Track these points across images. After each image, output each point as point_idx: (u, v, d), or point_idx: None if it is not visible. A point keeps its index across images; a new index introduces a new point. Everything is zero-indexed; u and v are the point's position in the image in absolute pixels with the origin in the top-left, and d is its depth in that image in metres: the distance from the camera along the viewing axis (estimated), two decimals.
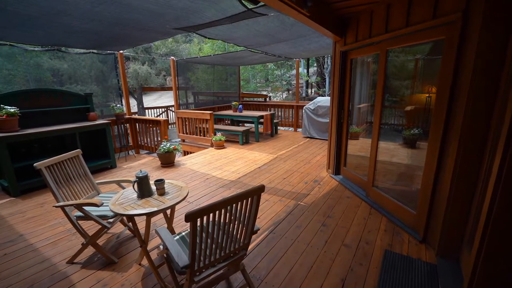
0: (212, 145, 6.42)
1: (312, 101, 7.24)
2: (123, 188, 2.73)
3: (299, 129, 8.37)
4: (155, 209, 1.83)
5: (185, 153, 7.30)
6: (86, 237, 2.28)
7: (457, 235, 2.10)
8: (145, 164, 5.31)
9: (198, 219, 1.25)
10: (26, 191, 4.00)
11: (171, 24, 3.38)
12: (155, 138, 5.96)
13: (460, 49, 1.99)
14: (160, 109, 11.80)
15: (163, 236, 1.59)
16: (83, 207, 2.14)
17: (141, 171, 2.07)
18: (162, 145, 5.02)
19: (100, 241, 2.63)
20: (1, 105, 3.84)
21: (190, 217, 1.20)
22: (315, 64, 18.30)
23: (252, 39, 4.65)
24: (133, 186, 2.04)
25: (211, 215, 1.32)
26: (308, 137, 7.28)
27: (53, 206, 2.34)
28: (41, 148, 4.47)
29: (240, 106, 7.47)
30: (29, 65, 9.07)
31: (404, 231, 2.68)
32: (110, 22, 3.28)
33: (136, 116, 5.96)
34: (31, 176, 4.09)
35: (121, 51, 5.60)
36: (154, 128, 5.79)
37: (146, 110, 11.38)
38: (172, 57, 6.76)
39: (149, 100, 21.33)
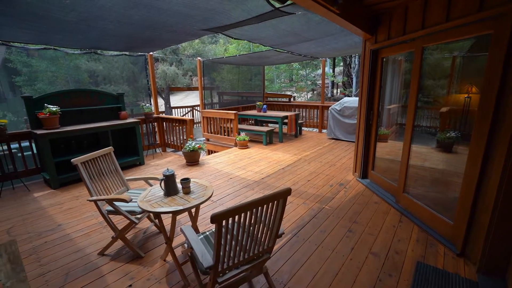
0: (236, 145, 6.46)
1: (338, 102, 7.03)
2: (150, 185, 2.82)
3: (324, 130, 8.17)
4: (181, 207, 1.86)
5: (209, 152, 7.44)
6: (116, 231, 2.38)
7: (504, 250, 1.90)
8: (171, 162, 5.47)
9: (224, 221, 1.24)
10: (64, 184, 4.30)
11: (198, 25, 3.44)
12: (181, 137, 6.12)
13: (511, 45, 1.80)
14: (186, 109, 12.15)
15: (188, 235, 1.60)
16: (114, 202, 2.24)
17: (168, 169, 2.12)
18: (188, 144, 5.15)
19: (128, 235, 2.74)
20: (45, 104, 4.16)
21: (216, 219, 1.19)
22: (342, 64, 17.80)
23: (277, 39, 4.61)
24: (160, 184, 2.09)
25: (236, 217, 1.30)
26: (333, 139, 7.08)
27: (87, 200, 2.47)
28: (78, 144, 4.77)
29: (265, 106, 7.45)
30: (69, 67, 9.81)
31: (439, 242, 2.49)
32: (141, 25, 3.41)
33: (164, 115, 6.17)
34: (69, 170, 4.39)
35: (151, 53, 5.82)
36: (180, 127, 5.95)
37: (173, 110, 11.78)
38: (199, 58, 6.91)
39: (176, 100, 22.08)
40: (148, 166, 5.24)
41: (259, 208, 1.37)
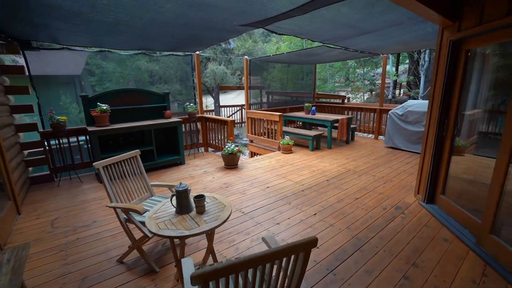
0: (279, 149, 6.07)
1: (401, 105, 6.02)
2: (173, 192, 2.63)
3: (381, 137, 7.18)
4: (186, 232, 1.57)
5: (252, 154, 7.20)
6: (133, 240, 2.24)
7: None
8: (211, 163, 5.36)
9: (211, 283, 0.88)
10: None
11: (237, 20, 3.15)
12: (222, 138, 5.99)
13: None
14: (235, 108, 12.20)
15: (184, 272, 1.29)
16: (129, 212, 2.09)
17: (181, 184, 1.86)
18: (227, 146, 4.95)
19: (148, 244, 2.60)
20: (98, 103, 4.42)
21: (197, 280, 0.83)
22: (407, 61, 15.73)
23: (328, 32, 4.04)
24: (171, 200, 1.84)
25: (232, 276, 0.93)
26: (391, 148, 6.11)
27: (106, 206, 2.39)
28: (125, 141, 4.99)
29: (313, 108, 6.86)
30: (132, 68, 10.74)
31: None
32: (180, 24, 3.27)
33: (207, 115, 6.13)
34: None
35: (197, 52, 5.80)
36: (222, 128, 5.82)
37: (222, 108, 11.95)
38: (246, 57, 6.70)
39: (228, 99, 22.56)
40: (188, 166, 5.23)
41: (267, 265, 0.97)
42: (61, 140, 4.48)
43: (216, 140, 6.19)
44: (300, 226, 2.86)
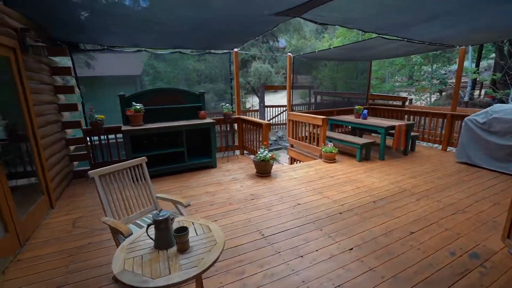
0: (321, 157, 5.39)
1: (484, 110, 4.74)
2: (179, 212, 2.31)
3: (451, 149, 5.86)
4: (150, 284, 1.16)
5: (292, 160, 6.63)
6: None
7: None
8: (243, 168, 5.00)
9: None
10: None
11: (269, 8, 2.67)
12: (257, 142, 5.57)
13: None
14: (280, 108, 11.70)
15: None
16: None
17: (160, 211, 1.47)
18: (259, 152, 4.52)
19: None
20: (133, 103, 4.44)
21: None
22: (493, 55, 12.99)
23: (381, 19, 3.25)
24: (147, 231, 1.47)
25: None
26: (465, 163, 4.87)
27: (100, 220, 2.17)
28: (159, 141, 4.96)
29: (365, 111, 5.95)
30: (182, 67, 11.13)
31: None
32: (206, 18, 2.95)
33: (243, 117, 5.79)
34: (148, 166, 4.57)
35: (236, 50, 5.49)
36: (257, 131, 5.40)
37: (266, 109, 11.57)
38: (289, 54, 6.15)
39: (277, 98, 22.05)
40: (219, 170, 4.96)
41: None
42: (100, 137, 4.65)
43: (252, 143, 5.80)
44: (330, 263, 2.26)
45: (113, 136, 4.85)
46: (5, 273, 2.30)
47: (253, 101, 14.70)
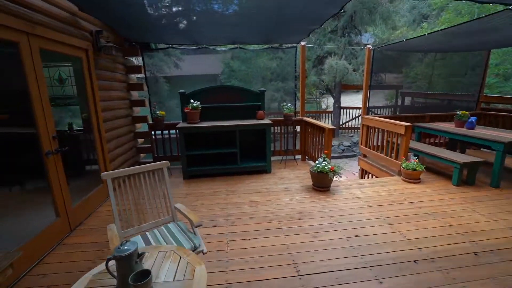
0: (399, 173, 4.28)
1: None
2: (193, 231, 1.97)
3: None
4: None
5: (363, 173, 5.59)
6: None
7: None
8: (299, 177, 4.40)
9: None
10: (192, 177, 4.48)
11: None
12: (320, 148, 4.82)
13: None
14: (358, 110, 10.36)
15: None
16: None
17: (125, 242, 1.12)
18: (317, 162, 3.84)
19: None
20: (191, 100, 4.43)
21: None
22: None
23: None
24: (107, 266, 1.13)
25: None
26: None
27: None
28: (215, 140, 4.85)
29: (472, 118, 4.44)
30: (255, 66, 11.10)
31: None
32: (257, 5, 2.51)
33: (307, 119, 5.13)
34: (198, 164, 4.53)
35: (303, 43, 4.88)
36: (320, 136, 4.67)
37: (342, 110, 10.41)
38: (368, 46, 5.14)
39: (358, 99, 19.78)
40: (272, 176, 4.51)
41: None
42: (163, 132, 4.87)
43: (315, 149, 5.09)
44: None
45: (174, 131, 5.02)
46: (50, 255, 2.46)
47: (328, 102, 13.52)
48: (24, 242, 2.30)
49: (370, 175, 5.31)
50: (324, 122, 10.64)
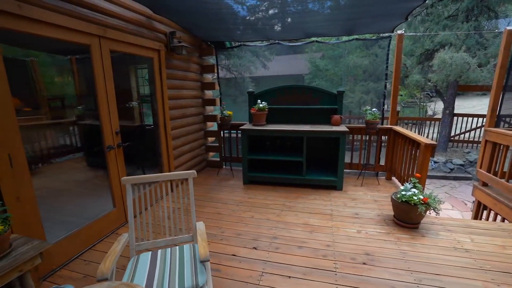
0: None
1: None
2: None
3: None
4: None
5: (479, 208, 4.02)
6: None
7: None
8: (378, 202, 3.47)
9: None
10: (252, 182, 4.19)
11: None
12: (410, 167, 3.65)
13: None
14: (479, 119, 7.86)
15: None
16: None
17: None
18: (404, 187, 2.88)
19: None
20: (258, 100, 4.14)
21: None
22: None
23: None
24: None
25: None
26: None
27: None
28: (282, 145, 4.41)
29: None
30: (343, 64, 9.96)
31: None
32: None
33: (398, 128, 4.01)
34: (259, 170, 4.21)
35: (400, 31, 3.82)
36: (413, 151, 3.52)
37: (455, 118, 8.10)
38: (509, 27, 3.59)
39: (475, 104, 14.96)
40: (342, 195, 3.73)
41: None
42: (231, 132, 4.78)
43: (405, 167, 3.94)
44: None
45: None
46: (101, 243, 2.62)
47: (436, 107, 10.73)
48: (81, 226, 2.49)
49: (492, 213, 3.74)
50: (426, 133, 8.53)
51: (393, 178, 4.26)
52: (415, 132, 8.23)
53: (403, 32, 3.86)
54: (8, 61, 1.85)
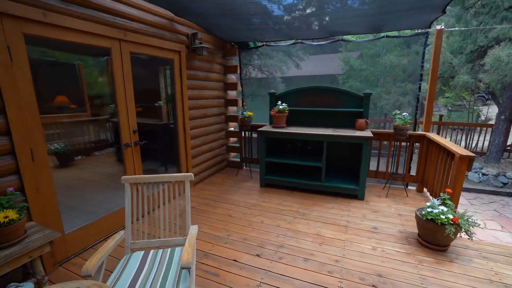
0: None
1: None
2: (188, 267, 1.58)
3: None
4: None
5: None
6: None
7: None
8: (402, 216, 3.14)
9: None
10: (268, 185, 4.10)
11: None
12: (443, 179, 3.21)
13: None
14: None
15: None
16: None
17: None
18: (430, 203, 2.55)
19: None
20: (278, 102, 4.04)
21: None
22: None
23: None
24: None
25: None
26: None
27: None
28: (303, 149, 4.24)
29: None
30: (380, 64, 9.26)
31: None
32: None
33: (432, 135, 3.57)
34: (276, 173, 4.10)
35: (440, 27, 3.40)
36: (446, 163, 3.09)
37: None
38: None
39: None
40: (364, 204, 3.46)
41: None
42: (252, 134, 4.74)
43: (439, 180, 3.51)
44: None
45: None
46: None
47: (489, 112, 9.39)
48: (97, 217, 2.65)
49: None
50: (476, 141, 7.56)
51: (425, 190, 3.83)
52: (461, 140, 7.36)
53: (442, 27, 3.43)
54: (60, 64, 2.13)
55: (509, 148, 7.17)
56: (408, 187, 4.01)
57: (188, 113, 3.81)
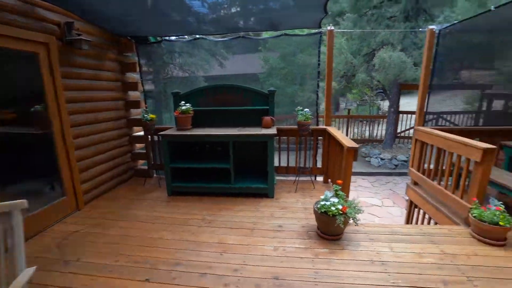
0: (466, 223, 2.74)
1: None
2: None
3: None
4: None
5: (411, 207, 4.01)
6: None
7: None
8: (308, 210, 3.24)
9: None
10: (177, 193, 3.76)
11: None
12: (342, 170, 3.49)
13: None
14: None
15: None
16: None
17: None
18: (324, 196, 2.65)
19: None
20: (182, 102, 3.72)
21: None
22: None
23: None
24: None
25: None
26: None
27: None
28: (212, 151, 4.02)
29: None
30: (295, 62, 9.86)
31: None
32: None
33: (331, 129, 3.85)
34: (184, 179, 3.79)
35: (330, 27, 3.64)
36: (343, 154, 3.36)
37: (400, 115, 8.39)
38: (430, 27, 3.56)
39: (438, 100, 15.97)
40: (273, 203, 3.46)
41: None
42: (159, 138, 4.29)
43: (339, 170, 3.79)
44: None
45: None
46: None
47: (384, 105, 11.17)
48: None
49: (421, 213, 3.73)
50: (376, 130, 8.74)
51: (329, 181, 4.10)
52: (365, 130, 8.37)
53: (332, 28, 3.68)
54: None
55: (398, 135, 8.51)
56: (316, 179, 4.24)
57: (69, 119, 3.15)
